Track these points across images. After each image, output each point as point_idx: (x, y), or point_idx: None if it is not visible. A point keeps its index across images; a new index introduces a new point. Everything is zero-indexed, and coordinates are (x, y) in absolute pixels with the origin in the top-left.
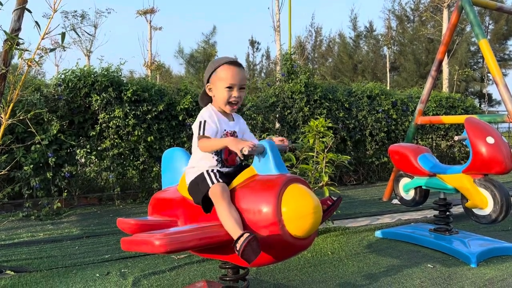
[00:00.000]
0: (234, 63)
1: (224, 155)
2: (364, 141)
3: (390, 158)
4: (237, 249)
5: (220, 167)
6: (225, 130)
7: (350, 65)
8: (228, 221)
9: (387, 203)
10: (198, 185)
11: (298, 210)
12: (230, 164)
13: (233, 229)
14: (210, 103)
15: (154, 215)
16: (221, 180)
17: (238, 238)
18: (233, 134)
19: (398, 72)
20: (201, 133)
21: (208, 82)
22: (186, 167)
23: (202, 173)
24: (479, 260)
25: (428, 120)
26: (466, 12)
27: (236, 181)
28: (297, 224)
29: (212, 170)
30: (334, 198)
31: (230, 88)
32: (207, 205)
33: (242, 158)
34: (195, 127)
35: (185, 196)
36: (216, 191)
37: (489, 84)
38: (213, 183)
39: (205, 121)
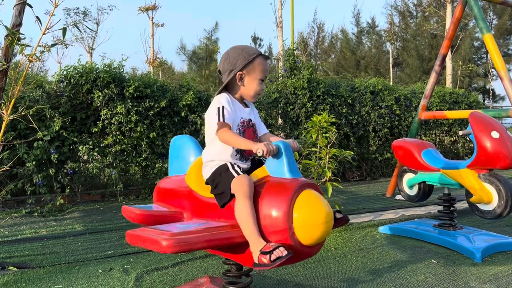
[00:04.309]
0: (267, 57)
1: None
2: (367, 137)
3: (394, 153)
4: (271, 259)
5: (239, 158)
6: (241, 118)
7: (353, 61)
8: (248, 224)
9: (391, 199)
10: (221, 175)
11: (310, 218)
12: (248, 154)
13: (253, 234)
14: (224, 91)
15: (159, 202)
16: (246, 174)
17: (273, 250)
18: (249, 122)
19: (401, 67)
20: (221, 119)
21: (241, 69)
22: (204, 160)
23: (225, 164)
24: (484, 256)
25: (432, 115)
26: (471, 6)
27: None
28: (308, 233)
29: (235, 164)
30: (341, 215)
31: (262, 81)
32: (224, 199)
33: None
34: (212, 113)
35: (194, 189)
36: (242, 183)
37: (493, 80)
38: (238, 174)
39: (223, 107)
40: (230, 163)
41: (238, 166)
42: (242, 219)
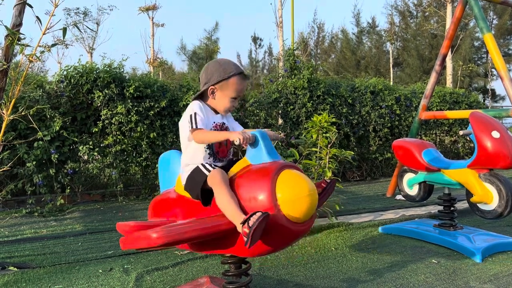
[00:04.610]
0: (245, 76)
1: (215, 148)
2: (367, 137)
3: (394, 153)
4: (249, 225)
5: (213, 161)
6: (214, 122)
7: (353, 61)
8: (229, 206)
9: (391, 199)
10: (195, 178)
11: (293, 193)
12: (222, 157)
13: (235, 213)
14: (198, 99)
15: (154, 218)
16: (218, 167)
17: (250, 216)
18: (222, 125)
19: (401, 67)
20: (194, 126)
21: (214, 84)
22: (181, 167)
23: (198, 166)
24: (484, 256)
25: (432, 115)
26: (471, 6)
27: (230, 173)
28: (293, 207)
29: (207, 163)
30: (328, 180)
31: (234, 99)
32: (205, 197)
33: (236, 148)
34: (184, 121)
35: (183, 194)
36: (215, 176)
37: (493, 80)
38: (209, 171)
39: (195, 113)
40: (202, 164)
41: (210, 165)
42: (222, 204)
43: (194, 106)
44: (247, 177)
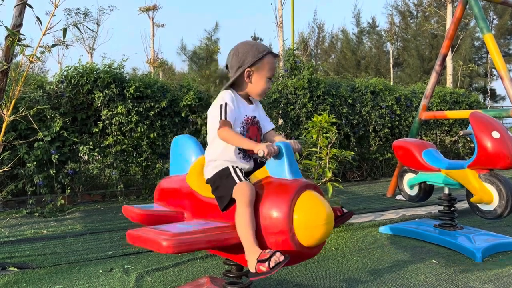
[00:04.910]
0: (276, 55)
1: None
2: (367, 137)
3: (394, 153)
4: (270, 266)
5: (242, 157)
6: (246, 115)
7: (353, 61)
8: (247, 234)
9: (391, 199)
10: (222, 180)
11: (311, 219)
12: (251, 154)
13: (251, 245)
14: (229, 88)
15: (160, 202)
16: (248, 179)
17: (271, 256)
18: (254, 119)
19: (401, 67)
20: (223, 117)
21: (250, 66)
22: (206, 159)
23: (227, 168)
24: (484, 256)
25: (432, 115)
26: (471, 6)
27: (253, 178)
28: (308, 234)
29: (237, 167)
30: (345, 211)
31: (269, 79)
32: (224, 202)
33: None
34: (214, 111)
35: (194, 189)
36: (244, 191)
37: (493, 80)
38: (240, 180)
39: (226, 104)
40: (232, 166)
41: (240, 170)
42: (241, 226)
43: (225, 96)
44: (266, 193)
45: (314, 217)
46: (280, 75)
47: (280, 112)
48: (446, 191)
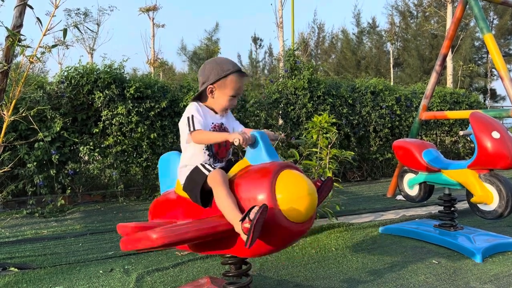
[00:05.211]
0: (243, 74)
1: (214, 149)
2: (368, 137)
3: (395, 153)
4: (250, 217)
5: (213, 162)
6: (212, 123)
7: (354, 61)
8: (228, 207)
9: (391, 199)
10: (194, 178)
11: (292, 193)
12: (221, 157)
13: (234, 213)
14: (196, 101)
15: (155, 219)
16: (218, 167)
17: (249, 211)
18: (221, 125)
19: (401, 68)
20: (191, 128)
21: (212, 83)
22: (179, 167)
23: (197, 167)
24: (485, 256)
25: (433, 115)
26: (471, 6)
27: (230, 173)
28: (293, 207)
29: (206, 163)
30: (323, 179)
31: (233, 97)
32: (204, 199)
33: (236, 149)
34: (183, 124)
35: (183, 195)
36: (215, 176)
37: (493, 80)
38: (209, 171)
39: (192, 116)
40: (201, 164)
41: (209, 165)
42: (221, 204)
43: (191, 108)
44: (247, 178)
45: (295, 190)
46: (280, 75)
47: (280, 112)
48: (446, 191)
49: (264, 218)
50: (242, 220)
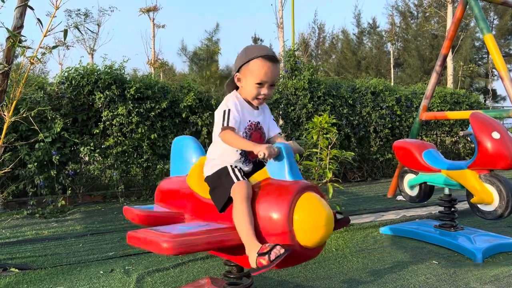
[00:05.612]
0: (269, 58)
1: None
2: (368, 138)
3: (395, 154)
4: (271, 259)
5: (243, 161)
6: (249, 121)
7: (354, 62)
8: (246, 230)
9: (392, 200)
10: (222, 181)
11: (311, 221)
12: (252, 158)
13: (251, 240)
14: (235, 90)
15: (161, 203)
16: (246, 179)
17: (271, 249)
18: (257, 124)
19: (402, 68)
20: (225, 124)
21: (238, 71)
22: (208, 157)
23: (226, 167)
24: (485, 256)
25: (433, 115)
26: (471, 6)
27: (252, 180)
28: (308, 235)
29: (236, 167)
30: (339, 217)
31: (260, 84)
32: (222, 203)
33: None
34: (218, 114)
35: (195, 190)
36: (241, 190)
37: (494, 80)
38: (238, 179)
39: (229, 110)
40: (231, 166)
41: (239, 170)
42: (239, 222)
43: (230, 102)
44: (266, 194)
45: (314, 218)
46: (280, 75)
47: (281, 112)
48: (447, 191)
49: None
50: (260, 255)
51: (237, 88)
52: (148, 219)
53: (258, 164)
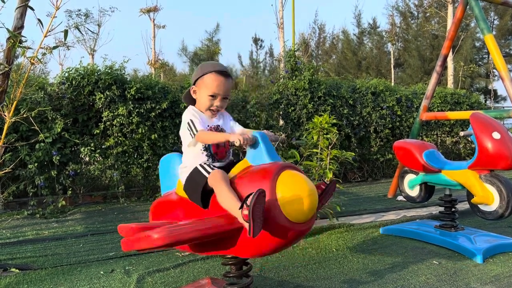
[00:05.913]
0: (222, 73)
1: (212, 150)
2: (368, 138)
3: (395, 154)
4: (247, 203)
5: (211, 162)
6: (208, 125)
7: (354, 62)
8: (230, 201)
9: (392, 200)
10: (195, 179)
11: (293, 194)
12: (220, 158)
13: (235, 204)
14: (191, 105)
15: (156, 220)
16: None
17: (246, 198)
18: (217, 127)
19: (402, 68)
20: (194, 131)
21: (194, 84)
22: (179, 168)
23: (196, 167)
24: (485, 257)
25: (433, 116)
26: (471, 7)
27: (231, 174)
28: (293, 207)
29: (206, 163)
30: (327, 182)
31: (213, 96)
32: (205, 200)
33: (237, 149)
34: (184, 130)
35: (183, 196)
36: (215, 175)
37: (494, 80)
38: (209, 172)
39: (191, 120)
40: (200, 164)
41: (209, 165)
42: (223, 199)
43: (188, 114)
44: (248, 178)
45: (296, 190)
46: (281, 76)
47: (281, 113)
48: (447, 192)
49: (262, 203)
50: (241, 207)
51: (193, 100)
52: (143, 230)
53: (234, 163)
